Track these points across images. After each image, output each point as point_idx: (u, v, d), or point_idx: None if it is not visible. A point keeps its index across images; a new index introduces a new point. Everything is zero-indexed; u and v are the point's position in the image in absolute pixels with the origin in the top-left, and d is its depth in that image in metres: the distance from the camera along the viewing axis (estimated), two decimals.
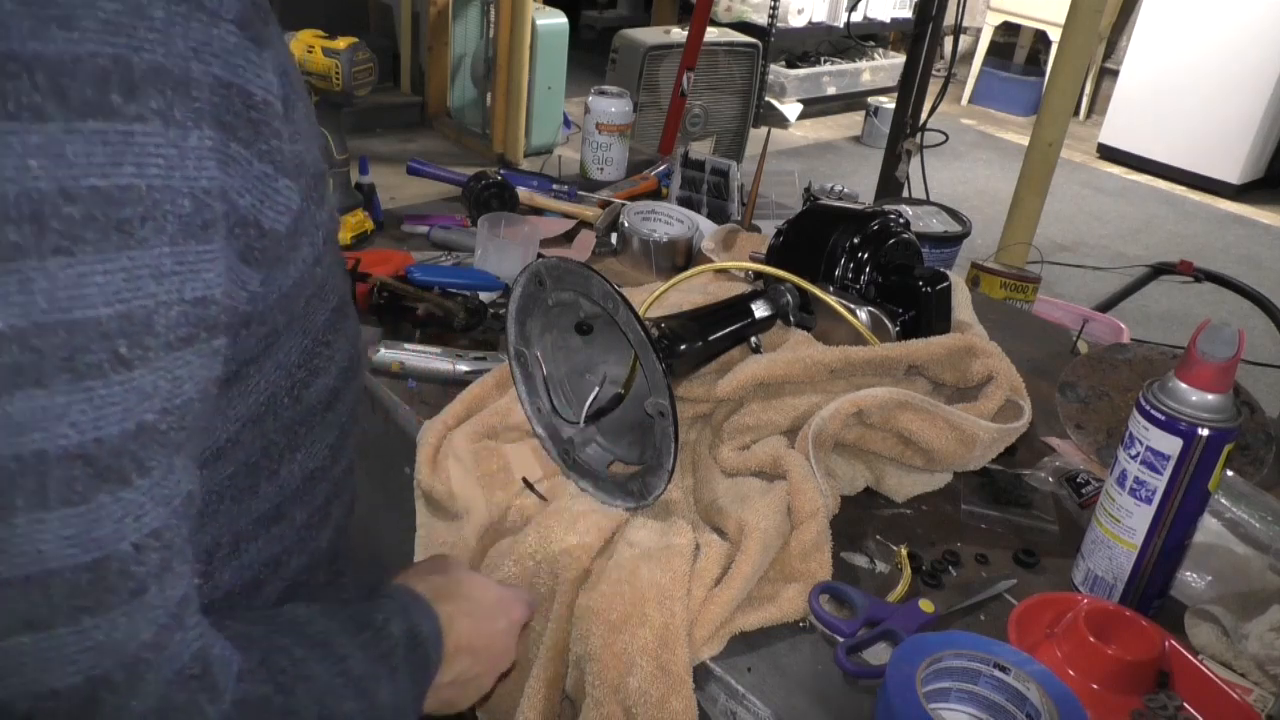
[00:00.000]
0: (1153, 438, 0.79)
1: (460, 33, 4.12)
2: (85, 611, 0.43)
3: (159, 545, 0.45)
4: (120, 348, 0.42)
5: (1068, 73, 2.23)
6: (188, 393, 0.46)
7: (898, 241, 1.13)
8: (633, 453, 0.91)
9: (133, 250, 0.43)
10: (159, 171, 0.43)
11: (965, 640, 0.72)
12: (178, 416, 0.46)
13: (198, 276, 0.46)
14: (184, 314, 0.45)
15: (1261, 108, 4.86)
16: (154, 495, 0.45)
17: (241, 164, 0.48)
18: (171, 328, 0.44)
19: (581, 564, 0.83)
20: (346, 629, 0.60)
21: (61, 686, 0.43)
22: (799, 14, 5.24)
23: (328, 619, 0.60)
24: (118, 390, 0.43)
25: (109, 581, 0.43)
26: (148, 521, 0.45)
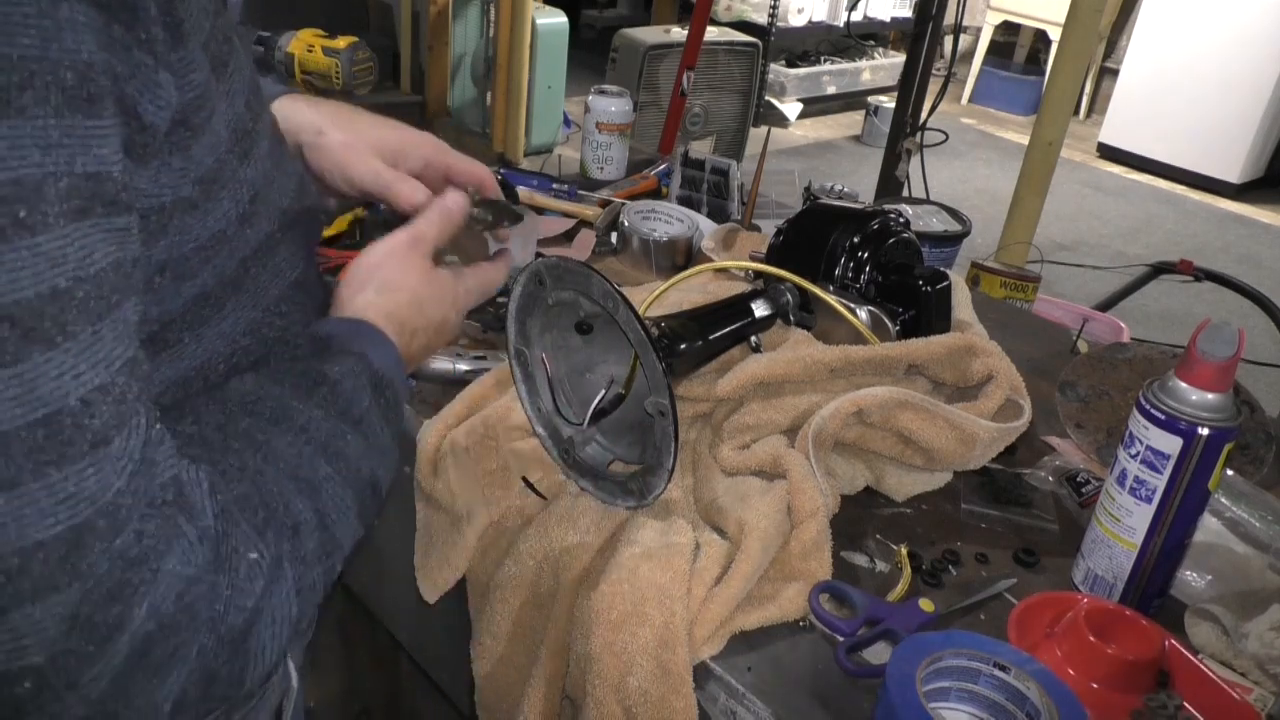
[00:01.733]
0: (1153, 437, 0.79)
1: (460, 32, 4.11)
2: (50, 465, 0.44)
3: (109, 399, 0.46)
4: (19, 212, 0.43)
5: (1068, 72, 2.23)
6: (99, 262, 0.46)
7: (898, 241, 1.13)
8: (633, 452, 0.91)
9: (12, 119, 0.42)
10: (32, 42, 0.43)
11: (965, 639, 0.72)
12: (93, 285, 0.46)
13: (88, 151, 0.45)
14: (75, 186, 0.45)
15: (1261, 107, 4.86)
16: (86, 357, 0.45)
17: (122, 48, 0.48)
18: (63, 198, 0.44)
19: (582, 563, 0.83)
20: (299, 391, 0.61)
21: (45, 538, 0.44)
22: (799, 13, 5.24)
23: (278, 385, 0.61)
24: (25, 254, 0.43)
25: (65, 435, 0.44)
26: (88, 379, 0.45)
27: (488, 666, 0.88)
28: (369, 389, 0.64)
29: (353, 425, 0.62)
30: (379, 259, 0.74)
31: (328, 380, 0.62)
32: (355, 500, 0.61)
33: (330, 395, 0.62)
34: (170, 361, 0.59)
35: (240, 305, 0.63)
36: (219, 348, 0.62)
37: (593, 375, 0.93)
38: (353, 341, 0.67)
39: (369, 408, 0.64)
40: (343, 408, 0.62)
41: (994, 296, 1.56)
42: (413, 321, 0.73)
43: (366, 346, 0.67)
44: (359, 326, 0.69)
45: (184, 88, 0.53)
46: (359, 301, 0.71)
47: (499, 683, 0.88)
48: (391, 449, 0.67)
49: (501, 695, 0.89)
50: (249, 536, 0.52)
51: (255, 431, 0.57)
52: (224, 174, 0.57)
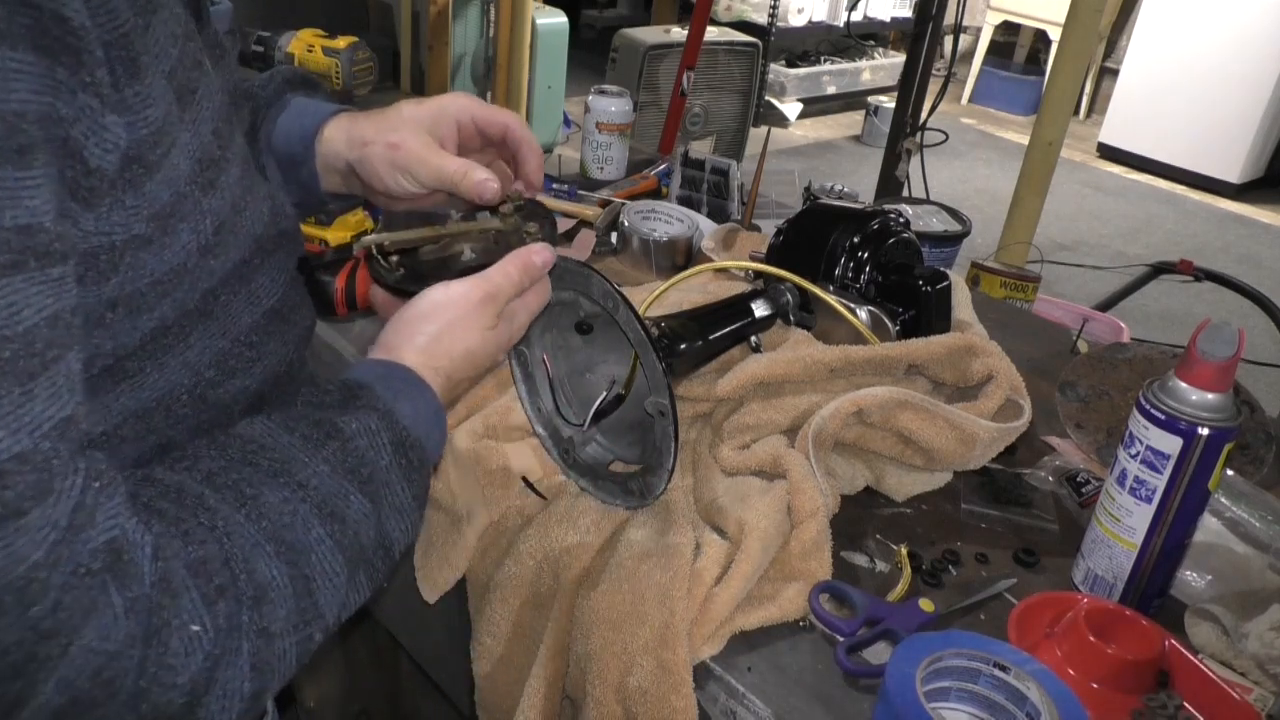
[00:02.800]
0: (1153, 437, 0.79)
1: (460, 32, 4.12)
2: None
3: (29, 468, 0.44)
4: None
5: (1068, 72, 2.23)
6: (29, 319, 0.45)
7: (898, 241, 1.13)
8: (633, 452, 0.91)
9: None
10: None
11: (965, 639, 0.72)
12: (23, 343, 0.44)
13: (18, 203, 0.44)
14: (4, 240, 0.43)
15: (1261, 107, 4.86)
16: (8, 423, 0.43)
17: (67, 91, 0.47)
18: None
19: (582, 563, 0.83)
20: (309, 443, 0.58)
21: None
22: (799, 13, 5.24)
23: (288, 433, 0.58)
24: None
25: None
26: (6, 447, 0.43)
27: (488, 666, 0.88)
28: (389, 449, 0.61)
29: (359, 485, 0.59)
30: (440, 305, 0.69)
31: (341, 435, 0.59)
32: (347, 566, 0.57)
33: (340, 452, 0.59)
34: (130, 392, 0.57)
35: (208, 334, 0.61)
36: (182, 379, 0.60)
37: (593, 375, 0.93)
38: (384, 393, 0.63)
39: (387, 467, 0.61)
40: (352, 466, 0.59)
41: (994, 296, 1.56)
42: (460, 373, 0.70)
43: (399, 400, 0.63)
44: (397, 374, 0.65)
45: (137, 125, 0.51)
46: (407, 349, 0.67)
47: (499, 683, 0.88)
48: (412, 509, 0.63)
49: (501, 695, 0.89)
50: (193, 607, 0.49)
51: (245, 485, 0.54)
52: (183, 207, 0.55)
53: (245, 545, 0.52)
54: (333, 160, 0.81)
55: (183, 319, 0.59)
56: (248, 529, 0.53)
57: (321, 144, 0.81)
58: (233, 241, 0.61)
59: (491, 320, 0.70)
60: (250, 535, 0.53)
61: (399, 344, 0.67)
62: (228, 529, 0.52)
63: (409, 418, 0.63)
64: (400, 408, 0.63)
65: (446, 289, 0.69)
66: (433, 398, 0.66)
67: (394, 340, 0.68)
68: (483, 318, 0.70)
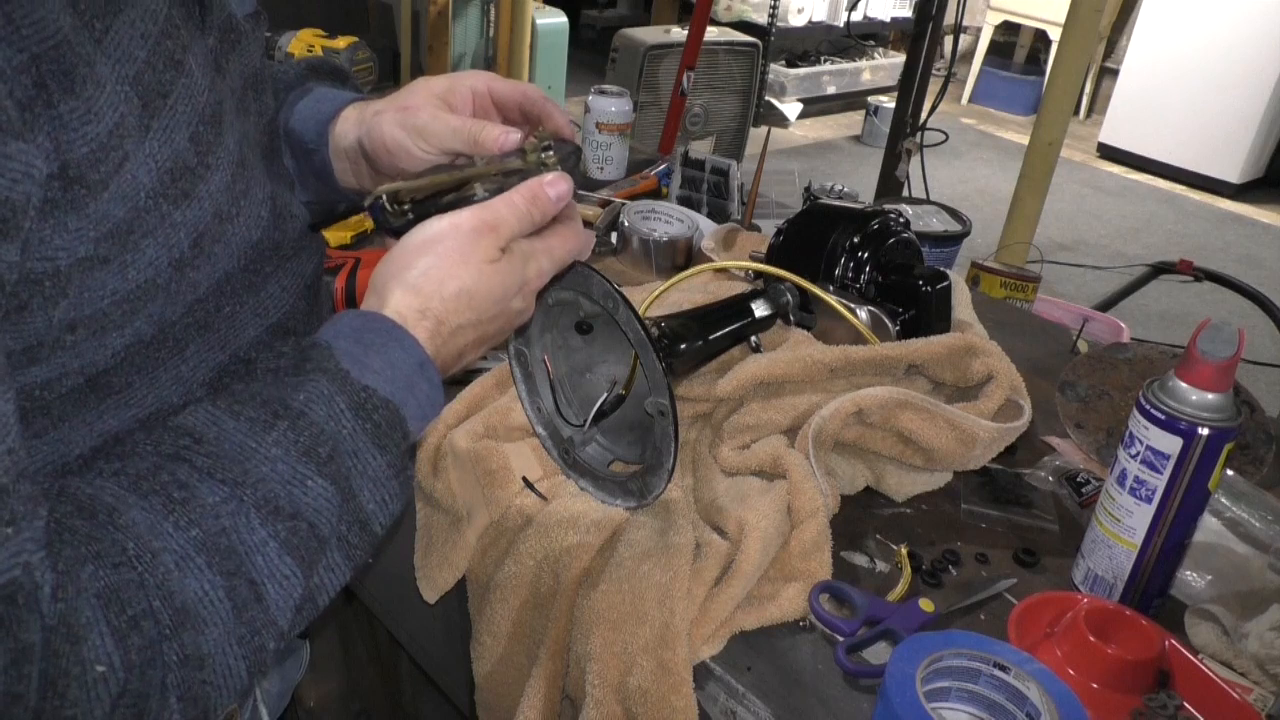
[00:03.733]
0: (1153, 437, 0.79)
1: (460, 32, 4.12)
2: None
3: None
4: None
5: (1068, 72, 2.23)
6: None
7: (898, 241, 1.13)
8: (633, 452, 0.91)
9: None
10: None
11: (965, 639, 0.72)
12: None
13: None
14: None
15: (1261, 107, 4.86)
16: None
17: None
18: None
19: (582, 563, 0.83)
20: (257, 425, 0.52)
21: None
22: (799, 13, 5.24)
23: (234, 418, 0.52)
24: None
25: None
26: None
27: (488, 666, 0.88)
28: (348, 415, 0.54)
29: (318, 466, 0.53)
30: (429, 239, 0.61)
31: (290, 411, 0.53)
32: (301, 564, 0.52)
33: (291, 431, 0.53)
34: (114, 410, 0.54)
35: (206, 348, 0.58)
36: (171, 395, 0.57)
37: (593, 375, 0.93)
38: (347, 350, 0.57)
39: (351, 435, 0.54)
40: (306, 445, 0.53)
41: (994, 296, 1.56)
42: (456, 316, 0.61)
43: (369, 354, 0.57)
44: (372, 325, 0.59)
45: (74, 144, 0.47)
46: (394, 288, 0.60)
47: (499, 683, 0.88)
48: (387, 476, 0.56)
49: (501, 695, 0.89)
50: (100, 645, 0.45)
51: (176, 487, 0.49)
52: (146, 222, 0.51)
53: (169, 562, 0.48)
54: (343, 141, 0.77)
55: (173, 331, 0.56)
56: (175, 540, 0.48)
57: (334, 128, 0.78)
58: (220, 251, 0.57)
59: (491, 253, 0.62)
60: (177, 548, 0.48)
61: (385, 284, 0.61)
62: (148, 545, 0.48)
63: (380, 374, 0.56)
64: (370, 362, 0.56)
65: (439, 220, 0.62)
66: (414, 347, 0.59)
67: (381, 280, 0.61)
68: (479, 249, 0.61)
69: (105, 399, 0.54)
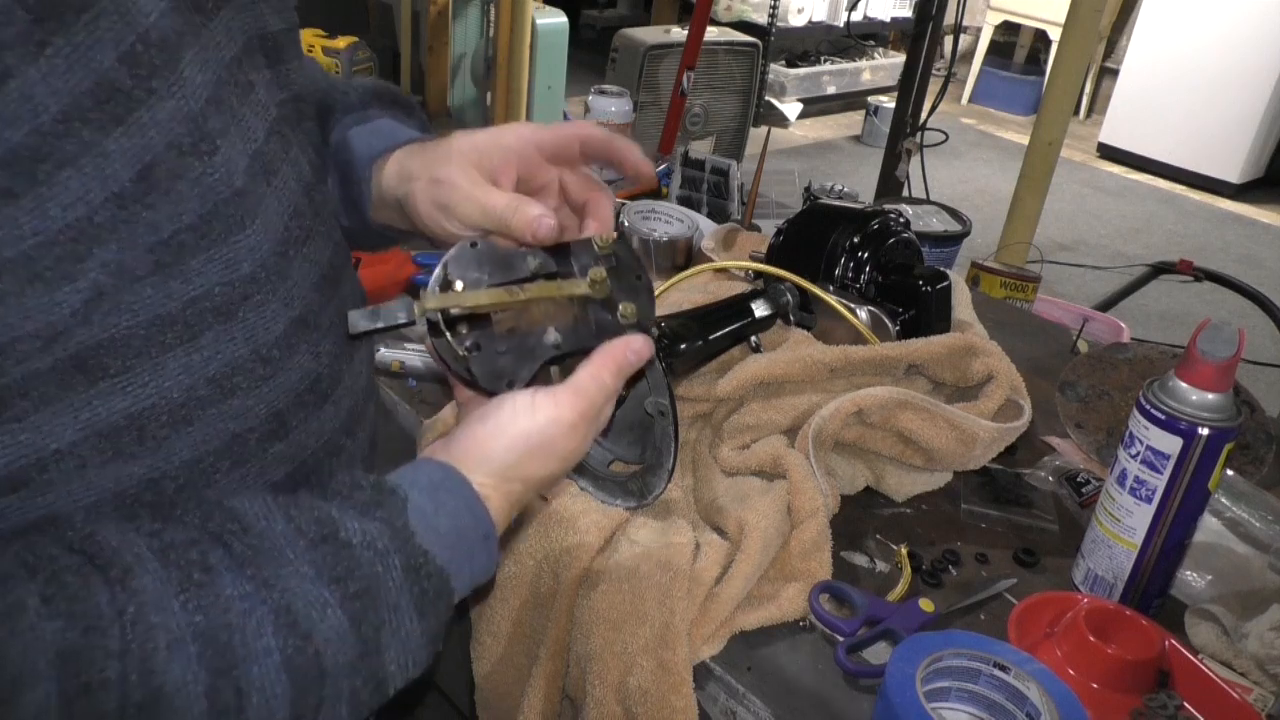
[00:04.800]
0: (1153, 437, 0.79)
1: (460, 32, 4.12)
2: None
3: None
4: None
5: (1068, 72, 2.24)
6: None
7: (898, 241, 1.13)
8: (633, 452, 0.91)
9: None
10: None
11: (965, 639, 0.72)
12: None
13: None
14: None
15: (1261, 107, 4.86)
16: None
17: None
18: None
19: (582, 563, 0.83)
20: (300, 537, 0.51)
21: None
22: (799, 13, 5.24)
23: (285, 519, 0.51)
24: None
25: None
26: None
27: (488, 666, 0.88)
28: (398, 570, 0.53)
29: (343, 599, 0.51)
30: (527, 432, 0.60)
31: (337, 539, 0.52)
32: (294, 687, 0.49)
33: (332, 557, 0.51)
34: (102, 398, 0.50)
35: (226, 337, 0.54)
36: (175, 390, 0.53)
37: None
38: (420, 505, 0.55)
39: (397, 589, 0.53)
40: (339, 575, 0.51)
41: (994, 296, 1.56)
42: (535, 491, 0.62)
43: (439, 515, 0.56)
44: (450, 485, 0.57)
45: None
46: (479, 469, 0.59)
47: (499, 683, 0.88)
48: (419, 645, 0.54)
49: (501, 695, 0.89)
50: (41, 703, 0.43)
51: (199, 568, 0.48)
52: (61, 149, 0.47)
53: (160, 640, 0.45)
54: (386, 194, 0.73)
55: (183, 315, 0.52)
56: (176, 620, 0.46)
57: (379, 173, 0.73)
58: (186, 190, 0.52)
59: (582, 440, 0.62)
60: (175, 628, 0.46)
61: (468, 458, 0.59)
62: (146, 617, 0.45)
63: (444, 539, 0.55)
64: (438, 524, 0.55)
65: (533, 411, 0.60)
66: (484, 519, 0.58)
67: (464, 451, 0.60)
68: (573, 440, 0.62)
69: (96, 382, 0.50)
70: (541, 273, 0.67)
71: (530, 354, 0.64)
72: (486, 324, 0.64)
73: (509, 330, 0.65)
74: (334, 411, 0.64)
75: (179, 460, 0.54)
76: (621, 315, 0.66)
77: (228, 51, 0.57)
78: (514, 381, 0.63)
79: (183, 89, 0.51)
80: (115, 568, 0.46)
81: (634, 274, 0.68)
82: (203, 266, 0.53)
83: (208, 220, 0.52)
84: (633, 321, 0.66)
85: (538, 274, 0.67)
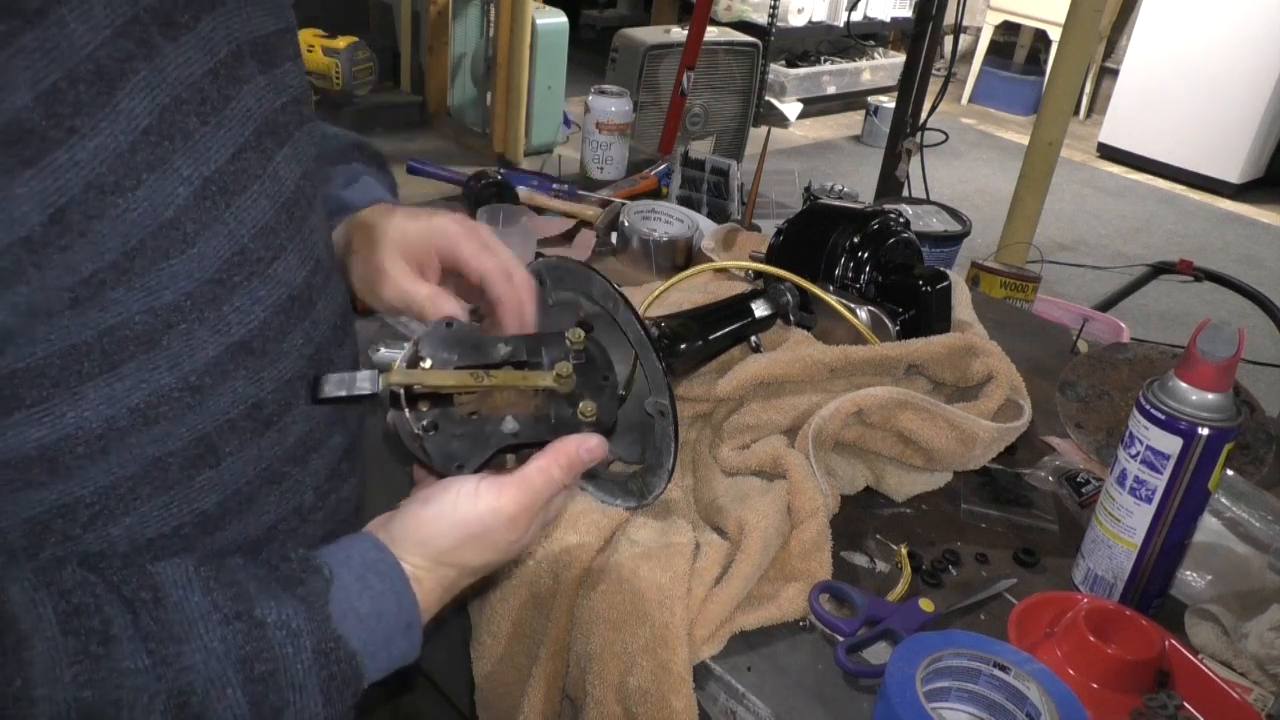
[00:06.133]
0: (1153, 437, 0.79)
1: (460, 32, 4.12)
2: None
3: None
4: None
5: (1068, 72, 2.24)
6: None
7: (898, 241, 1.13)
8: (633, 452, 0.91)
9: None
10: None
11: (965, 639, 0.72)
12: None
13: None
14: None
15: (1261, 107, 4.86)
16: None
17: None
18: None
19: (581, 563, 0.83)
20: (215, 611, 0.51)
21: None
22: (799, 13, 5.24)
23: (202, 591, 0.51)
24: None
25: None
26: None
27: (488, 666, 0.88)
28: (308, 653, 0.53)
29: (245, 680, 0.51)
30: (466, 519, 0.59)
31: (251, 617, 0.51)
32: None
33: (244, 636, 0.51)
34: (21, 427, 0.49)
35: (149, 366, 0.53)
36: (95, 421, 0.52)
37: None
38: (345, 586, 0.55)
39: (305, 671, 0.53)
40: (247, 655, 0.51)
41: (994, 296, 1.56)
42: (469, 579, 0.62)
43: (362, 598, 0.55)
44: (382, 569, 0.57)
45: None
46: (414, 553, 0.59)
47: (499, 683, 0.88)
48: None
49: (501, 695, 0.89)
50: None
51: (97, 640, 0.47)
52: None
53: (41, 714, 0.45)
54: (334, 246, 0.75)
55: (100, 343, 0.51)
56: (63, 694, 0.46)
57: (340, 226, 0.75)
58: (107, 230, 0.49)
59: (522, 532, 0.62)
60: (60, 702, 0.46)
61: (406, 539, 0.59)
62: (31, 692, 0.45)
63: (363, 621, 0.55)
64: (358, 606, 0.55)
65: (475, 498, 0.60)
66: (410, 608, 0.58)
67: (402, 533, 0.59)
68: (513, 533, 0.61)
69: (11, 413, 0.49)
70: (511, 360, 0.68)
71: (485, 440, 0.64)
72: (448, 404, 0.64)
73: (470, 414, 0.65)
74: (278, 439, 0.62)
75: (94, 486, 0.53)
76: (581, 413, 0.66)
77: (200, 66, 0.54)
78: (464, 465, 0.63)
79: (113, 124, 0.49)
80: (10, 634, 0.46)
81: (602, 374, 0.70)
82: (122, 296, 0.51)
83: (130, 256, 0.51)
84: (591, 420, 0.66)
85: (507, 361, 0.67)
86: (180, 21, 0.53)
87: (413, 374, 0.63)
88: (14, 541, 0.52)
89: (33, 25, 0.46)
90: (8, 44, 0.45)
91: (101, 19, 0.48)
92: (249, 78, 0.59)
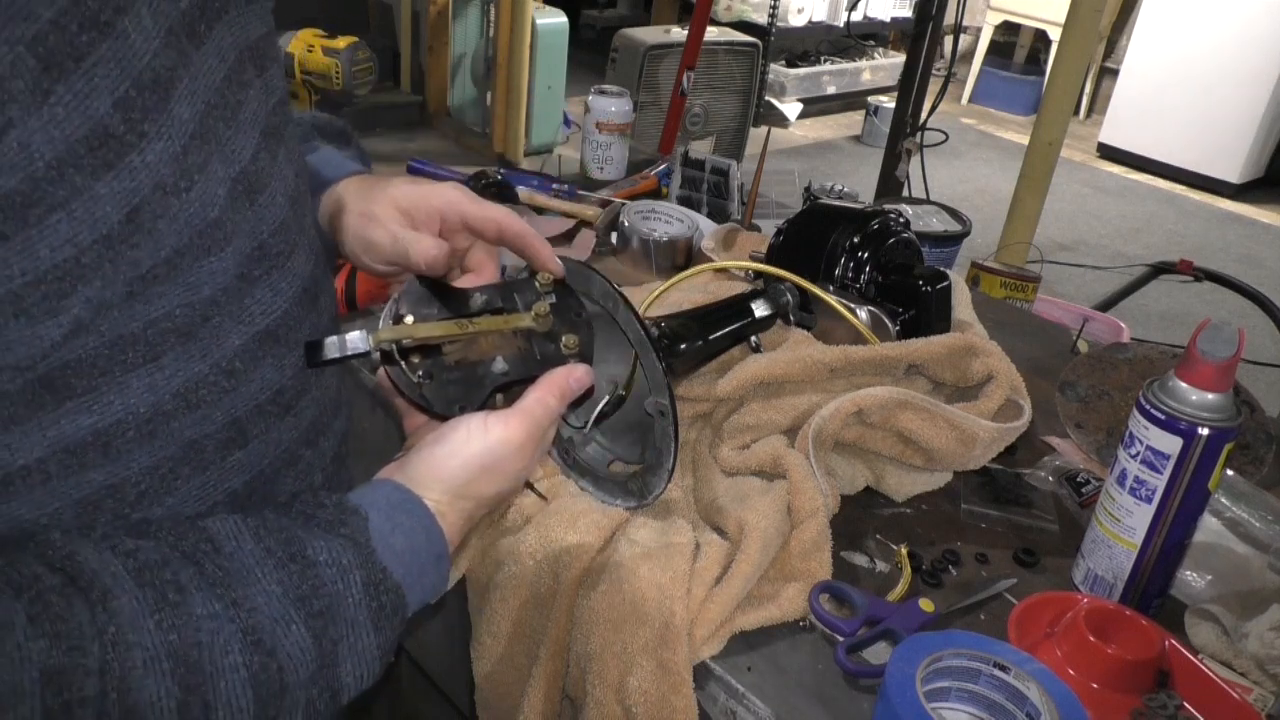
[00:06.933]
0: (1153, 437, 0.79)
1: (460, 32, 4.11)
2: None
3: None
4: None
5: (1068, 72, 2.23)
6: None
7: (898, 241, 1.13)
8: (633, 452, 0.91)
9: None
10: None
11: (965, 639, 0.72)
12: None
13: None
14: None
15: (1261, 107, 4.87)
16: None
17: None
18: None
19: (581, 563, 0.83)
20: (270, 557, 0.54)
21: None
22: (799, 13, 5.24)
23: (254, 539, 0.55)
24: None
25: None
26: None
27: (488, 666, 0.88)
28: (359, 586, 0.57)
29: (307, 617, 0.54)
30: (479, 451, 0.64)
31: (304, 558, 0.55)
32: (257, 702, 0.52)
33: (298, 576, 0.55)
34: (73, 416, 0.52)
35: (186, 356, 0.56)
36: (141, 406, 0.54)
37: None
38: (379, 525, 0.59)
39: (355, 605, 0.56)
40: (304, 594, 0.54)
41: (994, 296, 1.56)
42: (485, 510, 0.66)
43: (395, 534, 0.59)
44: (407, 506, 0.61)
45: None
46: (433, 487, 0.63)
47: (499, 683, 0.88)
48: (374, 658, 0.58)
49: (501, 695, 0.89)
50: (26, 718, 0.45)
51: (173, 588, 0.50)
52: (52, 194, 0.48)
53: (138, 659, 0.48)
54: (319, 218, 0.77)
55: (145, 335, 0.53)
56: (152, 639, 0.49)
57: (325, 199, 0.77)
58: (166, 228, 0.53)
59: (529, 459, 0.67)
60: (150, 647, 0.49)
61: (424, 478, 0.63)
62: (125, 637, 0.48)
63: (399, 557, 0.59)
64: (394, 543, 0.59)
65: (485, 431, 0.64)
66: (438, 540, 0.62)
67: (420, 472, 0.63)
68: (520, 460, 0.66)
69: (63, 402, 0.52)
70: (487, 308, 0.72)
71: (479, 382, 0.68)
72: (437, 354, 0.68)
73: (458, 361, 0.69)
74: (295, 423, 0.66)
75: (139, 467, 0.56)
76: (565, 346, 0.71)
77: (218, 74, 0.57)
78: (465, 406, 0.66)
79: (170, 128, 0.53)
80: (95, 589, 0.49)
81: (574, 310, 0.74)
82: (166, 290, 0.54)
83: (180, 253, 0.54)
84: (575, 351, 0.71)
85: (484, 310, 0.71)
86: (200, 31, 0.56)
87: (402, 329, 0.66)
88: (67, 521, 0.55)
89: (105, 36, 0.49)
90: (91, 52, 0.48)
91: (150, 30, 0.51)
92: (250, 82, 0.62)
